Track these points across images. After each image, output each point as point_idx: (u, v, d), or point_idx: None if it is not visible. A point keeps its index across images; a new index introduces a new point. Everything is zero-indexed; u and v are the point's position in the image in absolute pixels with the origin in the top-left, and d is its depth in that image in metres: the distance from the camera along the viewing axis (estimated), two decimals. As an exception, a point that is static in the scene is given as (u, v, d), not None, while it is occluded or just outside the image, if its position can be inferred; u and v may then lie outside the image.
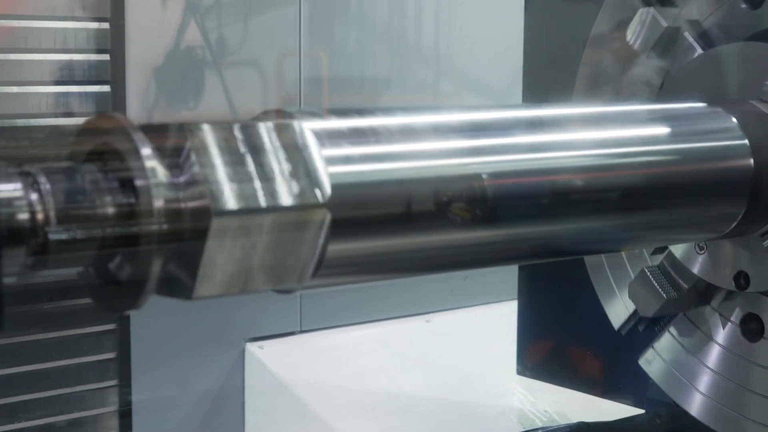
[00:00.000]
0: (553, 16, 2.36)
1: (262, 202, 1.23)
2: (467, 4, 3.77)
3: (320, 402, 3.12)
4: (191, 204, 1.20)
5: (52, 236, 1.13)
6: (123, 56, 3.06)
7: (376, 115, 1.43)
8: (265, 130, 1.28)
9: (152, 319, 3.10)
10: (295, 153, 1.28)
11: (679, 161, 1.72)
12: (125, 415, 3.24)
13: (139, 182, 1.16)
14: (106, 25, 3.06)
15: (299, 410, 3.15)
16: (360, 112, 1.44)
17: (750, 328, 1.86)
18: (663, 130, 1.73)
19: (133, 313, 3.17)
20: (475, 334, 3.56)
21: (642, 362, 2.07)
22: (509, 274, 3.11)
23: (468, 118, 1.50)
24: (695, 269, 1.89)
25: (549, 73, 2.42)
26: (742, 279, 1.83)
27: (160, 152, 1.20)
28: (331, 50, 3.48)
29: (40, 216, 1.13)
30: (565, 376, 2.45)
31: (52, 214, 1.13)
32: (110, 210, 1.17)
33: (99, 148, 1.21)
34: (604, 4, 2.06)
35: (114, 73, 3.08)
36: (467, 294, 3.74)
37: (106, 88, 3.09)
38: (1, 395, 3.00)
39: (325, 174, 1.29)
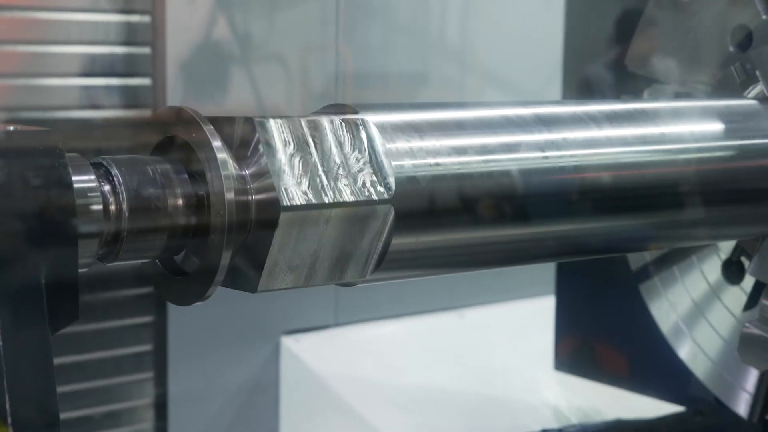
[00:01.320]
0: (595, 10, 2.36)
1: (328, 197, 1.23)
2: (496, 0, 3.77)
3: (355, 395, 3.12)
4: (258, 196, 1.20)
5: (124, 227, 1.14)
6: (164, 49, 3.06)
7: (433, 110, 1.43)
8: (331, 125, 1.28)
9: (189, 311, 3.10)
10: (361, 148, 1.28)
11: (730, 158, 1.71)
12: (161, 407, 3.25)
13: (210, 174, 1.17)
14: (138, 18, 3.07)
15: (334, 403, 3.15)
16: (416, 107, 1.44)
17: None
18: (713, 126, 1.72)
19: (170, 306, 3.19)
20: (509, 329, 3.56)
21: (687, 361, 2.06)
22: (542, 269, 3.10)
23: (529, 112, 1.50)
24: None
25: (590, 67, 2.41)
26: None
27: (228, 145, 1.21)
28: (357, 45, 3.47)
29: (112, 207, 1.13)
30: (604, 372, 2.45)
31: (124, 205, 1.14)
32: (181, 201, 1.18)
33: (167, 140, 1.22)
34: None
35: (155, 66, 3.08)
36: (500, 289, 3.74)
37: (137, 81, 3.10)
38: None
39: (390, 169, 1.29)
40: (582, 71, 2.43)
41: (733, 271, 1.90)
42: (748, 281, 1.88)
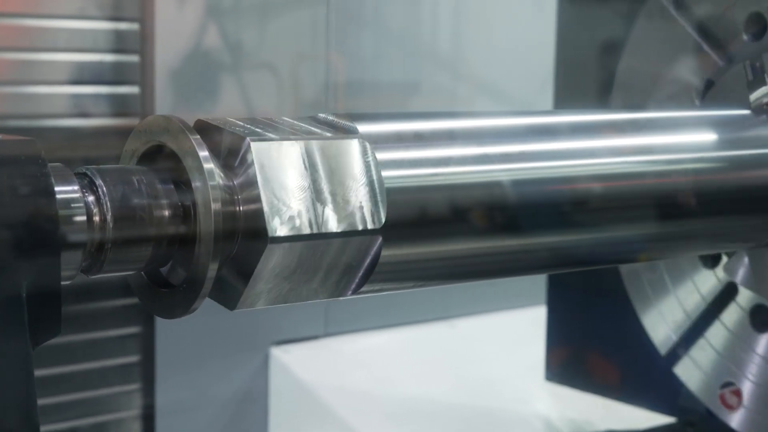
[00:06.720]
0: (587, 20, 2.35)
1: (318, 223, 1.21)
2: (488, 8, 3.76)
3: (345, 406, 3.10)
4: (246, 207, 1.18)
5: (109, 238, 1.12)
6: (152, 57, 3.04)
7: (426, 119, 1.42)
8: (325, 141, 1.24)
9: (177, 322, 3.07)
10: (357, 172, 1.25)
11: (722, 169, 1.70)
12: (148, 418, 3.23)
13: (196, 184, 1.15)
14: (128, 25, 3.05)
15: (324, 414, 3.13)
16: (409, 116, 1.43)
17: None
18: (704, 137, 1.71)
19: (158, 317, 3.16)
20: (499, 339, 3.55)
21: (679, 372, 2.05)
22: (533, 279, 3.08)
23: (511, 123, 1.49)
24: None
25: (582, 77, 2.40)
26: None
27: (215, 154, 1.19)
28: (349, 54, 3.46)
29: (96, 218, 1.11)
30: (595, 383, 2.44)
31: (109, 215, 1.11)
32: (166, 212, 1.15)
33: (153, 149, 1.20)
34: (644, 8, 2.04)
35: (143, 73, 3.06)
36: (491, 299, 3.73)
37: (125, 89, 3.08)
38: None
39: (383, 199, 1.26)
40: (574, 80, 2.42)
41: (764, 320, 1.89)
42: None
